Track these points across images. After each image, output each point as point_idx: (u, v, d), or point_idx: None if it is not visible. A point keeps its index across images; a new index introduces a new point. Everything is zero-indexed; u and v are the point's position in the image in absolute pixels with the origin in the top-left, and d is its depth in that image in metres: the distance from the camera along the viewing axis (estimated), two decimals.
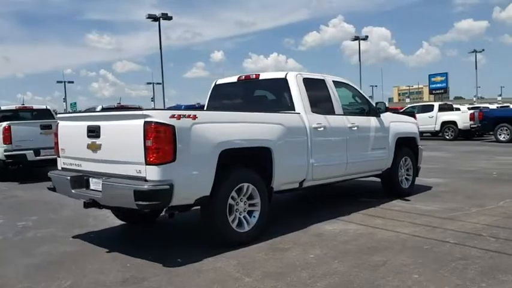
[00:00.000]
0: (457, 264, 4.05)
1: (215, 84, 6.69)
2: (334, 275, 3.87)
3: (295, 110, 5.63)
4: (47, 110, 12.69)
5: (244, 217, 4.88)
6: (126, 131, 4.33)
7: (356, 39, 48.32)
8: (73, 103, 61.00)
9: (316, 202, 7.27)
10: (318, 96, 5.95)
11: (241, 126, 4.86)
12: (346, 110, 6.41)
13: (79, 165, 4.92)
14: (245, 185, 4.83)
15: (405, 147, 7.35)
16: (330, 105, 6.11)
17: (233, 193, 4.73)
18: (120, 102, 15.76)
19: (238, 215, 4.82)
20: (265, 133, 5.05)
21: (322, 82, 6.19)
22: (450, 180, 8.91)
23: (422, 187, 7.93)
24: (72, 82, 64.95)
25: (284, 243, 4.87)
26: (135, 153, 4.19)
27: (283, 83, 5.80)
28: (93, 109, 13.64)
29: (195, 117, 4.36)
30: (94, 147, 4.63)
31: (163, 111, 4.32)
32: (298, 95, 5.67)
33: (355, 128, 6.30)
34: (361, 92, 6.97)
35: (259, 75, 6.16)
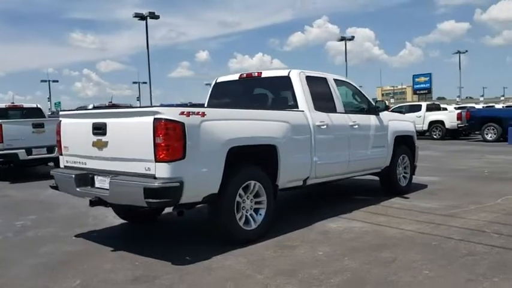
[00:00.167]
0: (465, 260, 4.10)
1: (216, 82, 6.66)
2: (346, 272, 3.88)
3: (299, 107, 5.63)
4: (37, 108, 12.48)
5: (251, 215, 4.86)
6: (135, 128, 4.28)
7: (342, 39, 48.60)
8: (57, 102, 60.10)
9: (317, 200, 7.28)
10: (320, 94, 5.96)
11: (248, 123, 4.85)
12: (347, 108, 6.43)
13: (83, 163, 4.84)
14: (252, 183, 4.82)
15: (403, 145, 7.41)
16: (332, 103, 6.12)
17: (240, 191, 4.71)
18: (111, 101, 15.55)
19: (245, 213, 4.80)
20: (271, 131, 5.05)
21: (324, 80, 6.20)
22: (444, 179, 9.01)
23: (418, 185, 7.99)
24: (56, 81, 64.11)
25: (291, 240, 4.87)
26: (144, 150, 4.15)
27: (286, 81, 5.80)
28: (85, 108, 13.46)
29: (203, 114, 4.33)
30: (100, 145, 4.57)
31: (173, 108, 4.28)
32: (302, 92, 5.67)
33: (356, 126, 6.33)
34: (361, 90, 7.01)
35: (261, 73, 6.15)
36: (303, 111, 5.57)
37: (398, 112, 18.61)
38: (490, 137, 18.84)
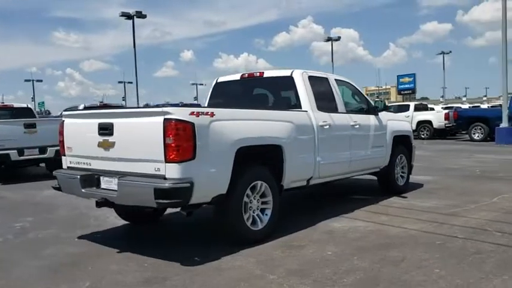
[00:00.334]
0: (473, 259, 4.14)
1: (216, 82, 6.64)
2: (358, 271, 3.89)
3: (302, 108, 5.64)
4: (28, 108, 12.31)
5: (258, 215, 4.86)
6: (144, 129, 4.24)
7: (329, 40, 48.86)
8: (41, 102, 59.43)
9: (318, 200, 7.31)
10: (322, 94, 5.98)
11: (256, 123, 4.85)
12: (347, 108, 6.47)
13: (88, 164, 4.79)
14: (259, 183, 4.82)
15: (400, 145, 7.48)
16: (333, 103, 6.15)
17: (248, 191, 4.70)
18: (102, 101, 15.38)
19: (251, 213, 4.79)
20: (277, 131, 5.05)
21: (326, 80, 6.23)
22: (438, 178, 9.11)
23: (414, 184, 8.06)
24: (40, 81, 63.21)
25: (297, 240, 4.88)
26: (153, 150, 4.11)
27: (289, 81, 5.81)
28: (75, 108, 13.29)
29: (212, 114, 4.32)
30: (106, 145, 4.52)
31: (183, 108, 4.26)
32: (305, 93, 5.68)
33: (357, 126, 6.36)
34: (360, 90, 7.05)
35: (263, 73, 6.15)
36: (306, 112, 5.58)
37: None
38: (477, 136, 19.12)
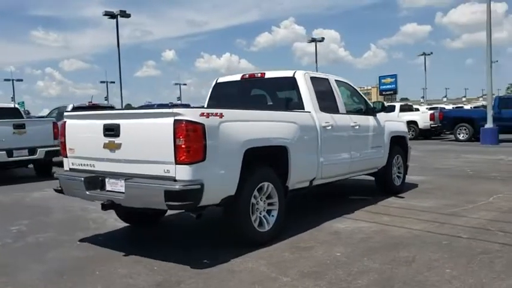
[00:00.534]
0: (482, 258, 4.18)
1: (216, 82, 6.59)
2: (371, 272, 3.90)
3: (305, 108, 5.63)
4: (15, 108, 12.04)
5: (264, 216, 4.83)
6: (152, 130, 4.17)
7: (313, 41, 49.00)
8: (21, 102, 58.28)
9: (316, 200, 7.30)
10: (324, 95, 5.99)
11: (262, 124, 4.82)
12: (347, 108, 6.48)
13: (92, 166, 4.70)
14: (265, 184, 4.79)
15: (397, 145, 7.54)
16: (334, 104, 6.16)
17: (255, 192, 4.67)
18: (91, 101, 15.14)
19: (258, 215, 4.77)
20: (283, 131, 5.03)
21: (326, 81, 6.24)
22: (432, 178, 9.21)
23: (409, 185, 8.13)
24: (21, 80, 61.93)
25: (303, 241, 4.87)
26: (163, 152, 4.06)
27: (291, 82, 5.80)
28: (64, 108, 13.05)
29: (221, 115, 4.27)
30: (112, 147, 4.44)
31: (193, 109, 4.21)
32: (308, 93, 5.68)
33: (357, 126, 6.39)
34: (359, 91, 7.08)
35: (264, 73, 6.13)
36: (309, 112, 5.58)
37: None
38: (462, 136, 19.42)
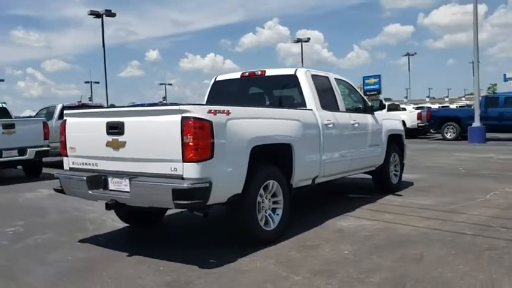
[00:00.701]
0: (490, 254, 4.19)
1: (215, 80, 6.52)
2: (382, 270, 3.87)
3: (307, 106, 5.60)
4: (3, 108, 11.80)
5: (269, 215, 4.78)
6: (159, 127, 4.09)
7: (298, 41, 49.25)
8: (3, 102, 57.30)
9: (317, 199, 7.28)
10: (324, 93, 5.97)
11: (268, 122, 4.77)
12: (346, 107, 6.47)
13: (94, 164, 4.59)
14: (271, 182, 4.74)
15: (394, 144, 7.55)
16: (335, 102, 6.15)
17: (261, 190, 4.62)
18: (81, 101, 14.93)
19: (264, 213, 4.71)
20: (287, 129, 4.99)
21: (327, 79, 6.22)
22: (425, 176, 9.26)
23: (404, 183, 8.15)
24: (2, 80, 60.84)
25: (309, 240, 4.83)
26: (169, 150, 3.98)
27: (293, 80, 5.76)
28: (53, 108, 12.81)
29: (228, 112, 4.21)
30: (116, 145, 4.34)
31: (201, 106, 4.13)
32: (310, 91, 5.65)
33: (357, 125, 6.38)
34: (358, 89, 7.08)
35: (265, 71, 6.08)
36: (311, 110, 5.55)
37: None
38: (450, 135, 19.64)
